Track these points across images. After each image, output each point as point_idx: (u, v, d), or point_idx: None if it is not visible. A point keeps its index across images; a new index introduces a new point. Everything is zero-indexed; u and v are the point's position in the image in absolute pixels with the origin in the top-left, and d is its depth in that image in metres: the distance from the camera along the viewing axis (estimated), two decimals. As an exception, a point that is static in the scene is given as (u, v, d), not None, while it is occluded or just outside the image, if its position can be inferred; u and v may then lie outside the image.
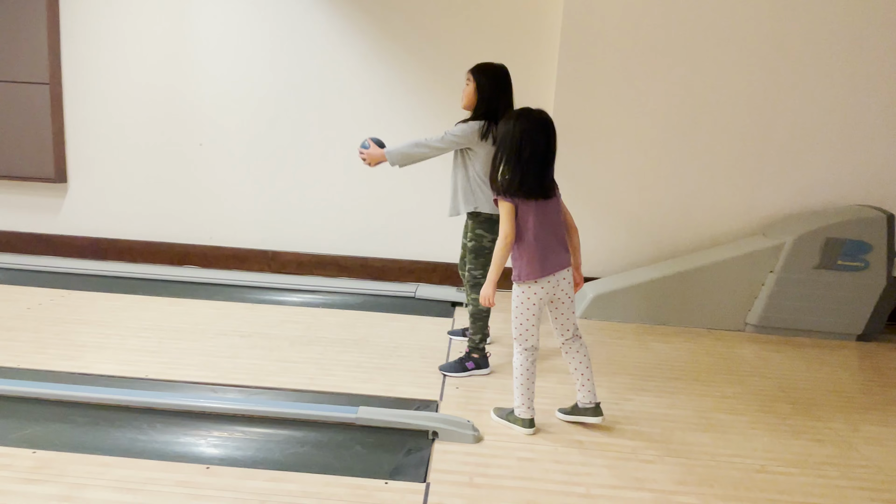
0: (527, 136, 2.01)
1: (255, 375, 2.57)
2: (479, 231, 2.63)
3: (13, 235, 4.26)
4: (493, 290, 2.11)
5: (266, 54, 3.98)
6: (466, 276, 2.74)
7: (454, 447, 2.04)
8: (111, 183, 4.17)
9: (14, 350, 2.68)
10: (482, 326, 2.70)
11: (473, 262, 2.68)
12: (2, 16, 3.91)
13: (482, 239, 2.64)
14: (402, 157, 2.63)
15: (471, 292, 2.72)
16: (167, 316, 3.24)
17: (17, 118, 4.03)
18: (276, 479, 1.83)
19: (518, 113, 2.06)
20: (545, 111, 2.07)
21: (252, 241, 4.21)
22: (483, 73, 2.61)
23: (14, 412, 2.15)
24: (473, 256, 2.68)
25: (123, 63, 4.02)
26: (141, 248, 4.22)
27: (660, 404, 2.50)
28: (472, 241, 2.67)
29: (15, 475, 1.79)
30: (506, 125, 2.06)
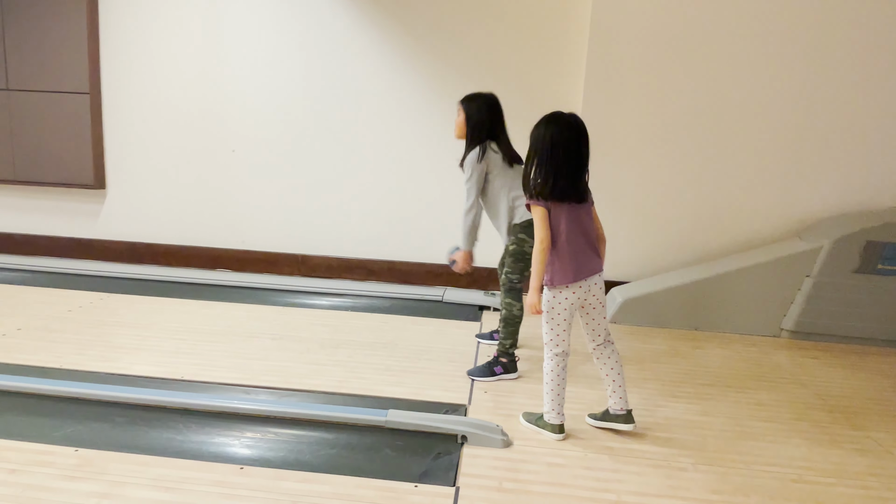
0: (558, 140, 2.01)
1: (285, 377, 2.62)
2: (522, 235, 2.64)
3: (54, 240, 4.41)
4: (539, 298, 2.10)
5: (297, 63, 4.05)
6: (503, 279, 2.74)
7: (483, 452, 2.04)
8: (147, 189, 4.29)
9: (56, 351, 2.77)
10: (514, 332, 2.70)
11: (512, 265, 2.68)
12: (46, 30, 4.06)
13: (523, 244, 2.65)
14: (470, 238, 2.76)
15: (505, 296, 2.71)
16: (201, 318, 3.31)
17: (58, 127, 4.18)
18: (307, 481, 1.85)
19: (549, 117, 2.05)
20: (576, 115, 2.06)
21: (282, 245, 4.28)
22: (472, 102, 2.71)
23: (57, 411, 2.22)
24: (513, 260, 2.68)
25: (159, 74, 4.14)
26: (176, 252, 4.33)
27: (692, 411, 2.46)
28: (513, 245, 2.68)
29: (58, 472, 1.85)
30: (537, 129, 2.06)
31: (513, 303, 2.70)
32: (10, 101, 4.18)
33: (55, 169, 4.23)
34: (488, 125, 2.66)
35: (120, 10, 4.08)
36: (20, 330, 3.00)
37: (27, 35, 4.08)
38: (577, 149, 2.03)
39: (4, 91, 4.17)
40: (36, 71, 4.13)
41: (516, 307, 2.70)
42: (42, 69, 4.12)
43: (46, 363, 2.63)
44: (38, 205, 4.40)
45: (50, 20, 4.05)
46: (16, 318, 3.17)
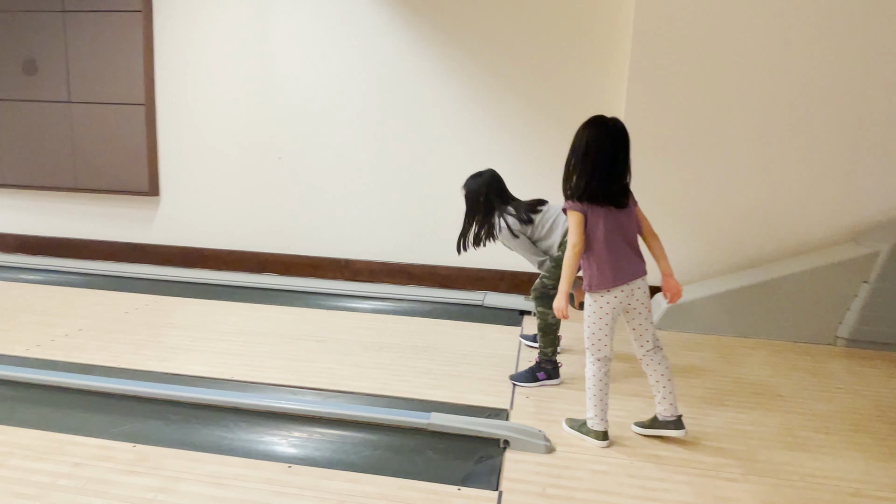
0: (596, 143, 1.99)
1: (330, 379, 2.67)
2: None
3: (111, 244, 4.62)
4: (567, 302, 2.09)
5: (340, 73, 4.13)
6: (536, 283, 2.72)
7: (526, 457, 2.04)
8: (198, 195, 4.45)
9: (115, 350, 2.91)
10: (553, 339, 2.68)
11: (551, 271, 2.67)
12: (105, 46, 4.27)
13: None
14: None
15: (537, 304, 2.69)
16: (250, 321, 3.41)
17: (115, 137, 4.38)
18: (353, 481, 1.89)
19: (590, 120, 2.05)
20: (619, 120, 2.04)
21: (326, 250, 4.37)
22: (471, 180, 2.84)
23: (115, 408, 2.33)
24: (553, 266, 2.67)
25: (209, 86, 4.29)
26: (225, 257, 4.47)
27: (742, 420, 2.39)
28: (560, 252, 2.66)
29: (118, 467, 1.94)
30: (578, 132, 2.05)
31: (546, 311, 2.67)
32: (72, 112, 4.41)
33: (112, 177, 4.44)
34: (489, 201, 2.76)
35: (173, 27, 4.26)
36: (81, 330, 3.16)
37: (88, 51, 4.30)
38: (614, 153, 2.01)
39: (66, 104, 4.41)
40: (95, 84, 4.34)
41: (550, 315, 2.67)
42: (101, 82, 4.33)
43: (105, 362, 2.76)
44: (97, 211, 4.62)
45: (109, 37, 4.26)
46: (77, 319, 3.34)
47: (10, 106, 4.49)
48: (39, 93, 4.43)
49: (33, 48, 4.39)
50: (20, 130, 4.51)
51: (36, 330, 3.14)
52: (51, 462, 1.94)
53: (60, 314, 3.41)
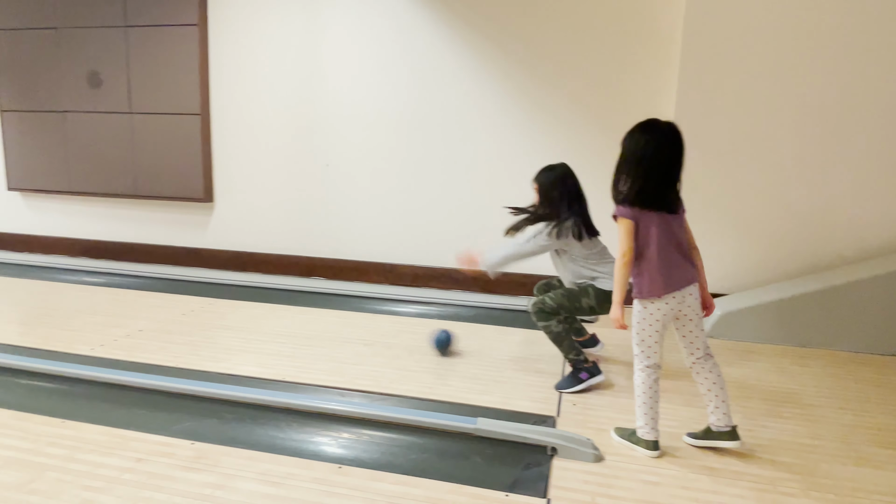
0: (652, 147, 1.96)
1: (377, 382, 2.71)
2: (591, 290, 2.60)
3: (168, 249, 4.82)
4: (622, 311, 2.06)
5: (386, 80, 4.20)
6: (537, 299, 2.68)
7: (574, 465, 2.02)
8: (250, 202, 4.60)
9: (173, 351, 3.03)
10: (570, 344, 2.65)
11: (559, 297, 2.63)
12: (164, 60, 4.47)
13: (584, 296, 2.60)
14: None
15: (536, 319, 2.66)
16: (299, 323, 3.50)
17: (173, 146, 4.57)
18: (402, 483, 1.92)
19: (643, 123, 2.01)
20: (673, 123, 2.00)
21: (372, 254, 4.44)
22: (542, 174, 2.73)
23: (174, 406, 2.43)
24: (563, 295, 2.63)
25: (260, 96, 4.44)
26: (275, 261, 4.60)
27: (800, 433, 2.30)
28: (576, 287, 2.64)
29: (178, 463, 2.02)
30: (630, 136, 2.02)
31: (546, 323, 2.64)
32: (133, 123, 4.63)
33: (169, 184, 4.63)
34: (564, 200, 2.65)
35: (226, 40, 4.43)
36: (141, 331, 3.31)
37: (148, 64, 4.51)
38: (670, 157, 1.97)
39: (128, 114, 4.63)
40: (154, 95, 4.55)
41: (553, 324, 2.64)
42: (159, 94, 4.53)
43: (164, 362, 2.88)
44: (155, 217, 4.83)
45: (167, 50, 4.45)
46: (137, 320, 3.50)
47: (77, 117, 4.75)
48: (103, 104, 4.67)
49: (98, 62, 4.63)
50: (85, 140, 4.76)
51: (100, 330, 3.30)
52: (116, 457, 2.04)
53: (122, 315, 3.57)
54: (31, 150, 4.92)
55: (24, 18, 4.74)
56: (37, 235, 5.12)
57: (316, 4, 4.23)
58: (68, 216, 5.03)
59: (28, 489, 1.85)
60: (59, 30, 4.66)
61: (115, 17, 4.51)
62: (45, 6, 4.66)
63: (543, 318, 2.65)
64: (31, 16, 4.71)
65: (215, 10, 4.39)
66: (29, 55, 4.78)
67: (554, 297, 2.65)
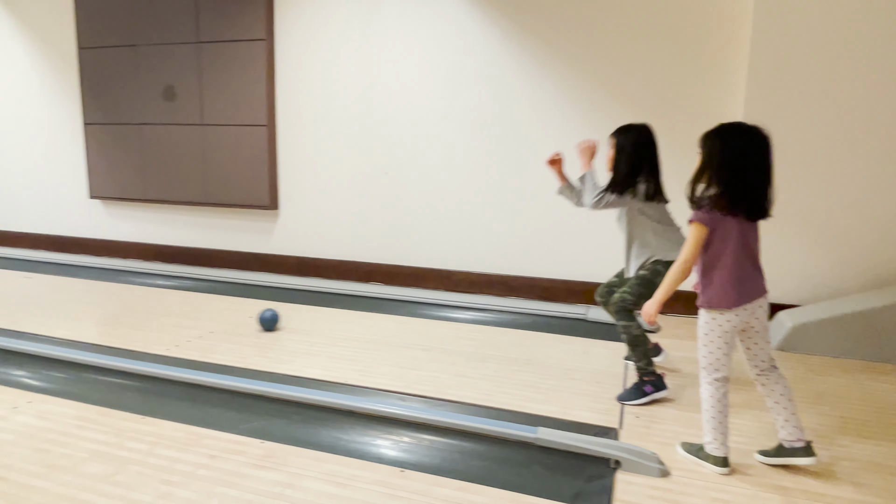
0: (737, 150, 1.89)
1: (435, 387, 2.74)
2: (660, 268, 2.53)
3: (235, 254, 5.03)
4: (657, 309, 2.02)
5: (443, 91, 4.26)
6: (616, 297, 2.62)
7: (638, 479, 1.98)
8: (312, 209, 4.75)
9: (241, 352, 3.16)
10: (644, 351, 2.59)
11: (633, 288, 2.57)
12: (234, 74, 4.69)
13: (658, 276, 2.52)
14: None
15: (617, 318, 2.60)
16: (359, 328, 3.58)
17: (241, 156, 4.78)
18: (463, 490, 1.93)
19: (728, 126, 1.95)
20: (760, 126, 1.92)
21: (428, 260, 4.49)
22: (624, 135, 2.61)
23: (244, 406, 2.54)
24: (637, 283, 2.57)
25: (323, 106, 4.58)
26: (335, 266, 4.73)
27: (882, 453, 2.17)
28: (645, 271, 2.58)
29: (248, 461, 2.11)
30: (714, 138, 1.95)
31: (628, 324, 2.58)
32: (204, 134, 4.87)
33: (237, 192, 4.84)
34: (642, 161, 2.56)
35: (292, 53, 4.60)
36: (212, 333, 3.47)
37: (218, 78, 4.74)
38: (757, 160, 1.90)
39: (200, 126, 4.87)
40: (224, 108, 4.77)
41: (633, 326, 2.58)
42: (229, 106, 4.75)
43: (234, 363, 3.01)
44: (223, 223, 5.06)
45: (237, 64, 4.67)
46: (208, 322, 3.67)
47: (153, 129, 5.04)
48: (177, 117, 4.94)
49: (172, 77, 4.90)
50: (160, 151, 5.05)
51: (174, 331, 3.48)
52: (191, 453, 2.15)
53: (194, 317, 3.76)
54: (110, 161, 5.25)
55: (106, 37, 5.07)
56: (115, 240, 5.45)
57: (376, 16, 4.33)
58: (143, 222, 5.33)
59: (112, 481, 1.97)
60: (137, 47, 4.97)
61: (188, 34, 4.76)
62: (125, 26, 4.97)
63: (626, 318, 2.58)
64: (113, 35, 5.04)
65: (281, 25, 4.58)
66: (110, 72, 5.11)
67: (630, 290, 2.59)
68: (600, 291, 2.88)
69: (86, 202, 5.50)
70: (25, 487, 1.92)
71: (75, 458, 2.09)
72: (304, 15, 4.51)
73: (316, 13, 4.48)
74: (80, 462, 2.07)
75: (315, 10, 4.48)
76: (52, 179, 5.61)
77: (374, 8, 4.34)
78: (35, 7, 5.38)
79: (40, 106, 5.53)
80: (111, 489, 1.92)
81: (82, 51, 5.18)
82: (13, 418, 2.38)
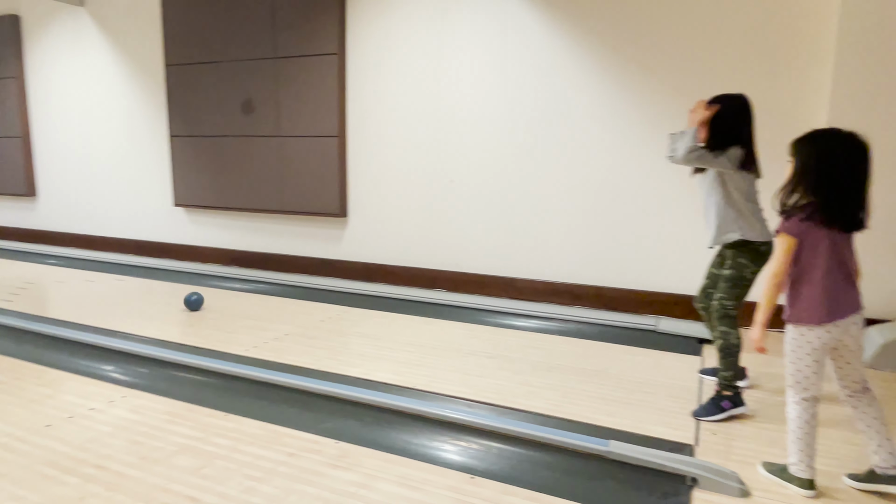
0: (835, 158, 1.83)
1: (502, 395, 2.75)
2: (742, 260, 2.47)
3: (307, 259, 5.22)
4: (763, 335, 1.94)
5: (508, 100, 4.28)
6: (715, 305, 2.56)
7: (716, 498, 1.92)
8: (379, 216, 4.87)
9: (315, 354, 3.29)
10: (734, 362, 2.50)
11: (727, 291, 2.51)
12: (308, 88, 4.89)
13: (744, 269, 2.47)
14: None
15: (719, 324, 2.53)
16: (424, 334, 3.64)
17: (313, 165, 4.97)
18: (533, 500, 1.93)
19: (823, 132, 1.88)
20: (857, 133, 1.85)
21: (492, 268, 4.51)
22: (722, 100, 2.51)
23: (318, 406, 2.63)
24: (729, 286, 2.51)
25: (391, 116, 4.70)
26: (400, 273, 4.82)
27: None
28: (730, 270, 2.51)
29: (325, 460, 2.19)
30: (808, 145, 1.88)
31: (728, 331, 2.50)
32: (279, 145, 5.09)
33: (309, 200, 5.03)
34: (741, 126, 2.48)
35: (362, 66, 4.75)
36: (287, 335, 3.62)
37: (294, 91, 4.95)
38: (854, 169, 1.82)
39: (275, 137, 5.10)
40: (299, 119, 4.98)
41: (733, 335, 2.50)
42: (303, 118, 4.95)
43: (308, 364, 3.13)
44: (295, 230, 5.26)
45: (310, 78, 4.86)
46: (283, 324, 3.83)
47: (232, 141, 5.32)
48: (254, 129, 5.19)
49: (251, 90, 5.16)
50: (238, 161, 5.31)
51: (251, 333, 3.66)
52: (272, 450, 2.25)
53: (269, 320, 3.93)
54: (193, 171, 5.58)
55: (190, 55, 5.41)
56: (196, 246, 5.78)
57: (443, 29, 4.41)
58: (222, 229, 5.63)
59: (200, 474, 2.10)
60: (219, 63, 5.26)
61: (266, 50, 5.00)
62: (208, 43, 5.28)
63: (728, 324, 2.52)
64: (197, 52, 5.36)
65: (352, 39, 4.74)
66: (194, 87, 5.44)
67: (725, 294, 2.52)
68: (698, 298, 2.80)
69: (170, 209, 5.87)
70: (123, 476, 2.07)
71: (166, 451, 2.24)
72: (374, 29, 4.65)
73: (385, 27, 4.61)
74: (171, 455, 2.21)
75: (384, 24, 4.61)
76: (140, 188, 6.02)
77: (441, 21, 4.42)
78: (128, 28, 5.80)
79: (131, 119, 5.95)
80: (200, 482, 2.05)
81: (169, 67, 5.54)
82: (110, 411, 2.57)
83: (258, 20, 5.00)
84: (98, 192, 6.31)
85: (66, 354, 3.22)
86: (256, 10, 4.99)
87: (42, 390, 2.76)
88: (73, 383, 2.85)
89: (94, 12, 5.97)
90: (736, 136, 2.47)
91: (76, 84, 6.21)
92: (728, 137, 2.46)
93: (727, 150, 2.45)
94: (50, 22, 6.25)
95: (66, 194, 6.52)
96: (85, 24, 6.04)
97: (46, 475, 2.05)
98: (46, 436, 2.32)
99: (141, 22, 5.70)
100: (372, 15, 4.65)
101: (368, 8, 4.66)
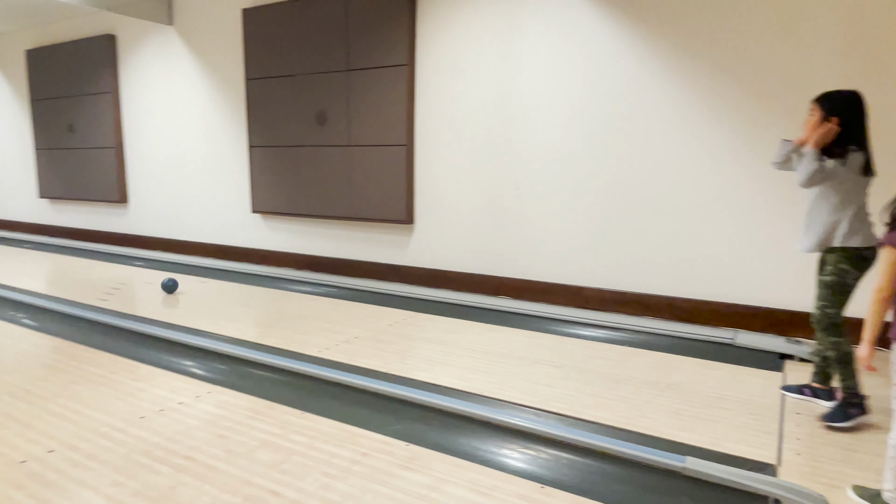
0: None
1: (571, 406, 2.73)
2: (844, 266, 2.37)
3: (375, 265, 5.36)
4: (871, 351, 1.84)
5: (574, 107, 4.24)
6: (817, 315, 2.45)
7: (801, 521, 1.84)
8: (445, 223, 4.94)
9: (384, 358, 3.37)
10: (853, 370, 2.40)
11: (829, 298, 2.41)
12: (377, 95, 5.03)
13: (846, 275, 2.36)
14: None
15: (826, 336, 2.44)
16: (490, 341, 3.66)
17: (382, 174, 5.10)
18: (606, 512, 1.91)
19: None
20: None
21: (558, 275, 4.47)
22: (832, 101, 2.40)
23: (388, 408, 2.70)
24: (830, 292, 2.41)
25: (457, 125, 4.76)
26: (465, 279, 4.86)
27: None
28: (831, 276, 2.40)
29: (395, 461, 2.25)
30: None
31: (838, 340, 2.40)
32: (350, 154, 5.26)
33: (377, 207, 5.17)
34: (859, 128, 2.38)
35: (430, 77, 4.84)
36: (357, 338, 3.73)
37: (364, 101, 5.11)
38: None
39: (347, 147, 5.27)
40: (369, 129, 5.13)
41: (844, 343, 2.40)
42: (372, 128, 5.10)
43: (378, 367, 3.21)
44: (364, 236, 5.41)
45: (381, 89, 5.00)
46: (353, 328, 3.95)
47: (306, 151, 5.54)
48: (327, 139, 5.39)
49: (324, 102, 5.36)
50: (312, 170, 5.53)
51: (325, 335, 3.79)
52: (346, 449, 2.33)
53: (340, 323, 4.06)
54: (269, 179, 5.85)
55: (268, 69, 5.68)
56: (272, 251, 6.04)
57: (511, 36, 4.43)
58: (296, 235, 5.86)
59: (280, 469, 2.20)
60: (295, 77, 5.50)
61: (339, 62, 5.19)
62: (284, 58, 5.53)
63: (834, 332, 2.44)
64: (274, 66, 5.63)
65: (422, 49, 4.84)
66: (271, 99, 5.71)
67: (826, 302, 2.43)
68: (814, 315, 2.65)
69: (248, 216, 6.17)
70: (210, 468, 2.20)
71: (249, 446, 2.36)
72: (443, 40, 4.73)
73: (454, 37, 4.69)
74: (253, 449, 2.33)
75: (453, 34, 4.69)
76: (221, 196, 6.36)
77: (509, 29, 4.44)
78: (212, 45, 6.16)
79: (215, 131, 6.31)
80: (280, 476, 2.15)
81: (249, 81, 5.84)
82: (197, 406, 2.74)
83: (331, 35, 5.20)
84: (183, 200, 6.72)
85: (155, 351, 3.46)
86: (330, 25, 5.19)
87: (136, 384, 2.97)
88: (163, 378, 3.05)
89: (182, 31, 6.38)
90: (857, 140, 2.38)
91: (164, 98, 6.66)
92: (848, 137, 2.37)
93: (847, 155, 2.36)
94: (142, 40, 6.74)
95: (154, 201, 6.99)
96: (173, 41, 6.47)
97: (142, 464, 2.21)
98: (141, 427, 2.50)
99: (224, 39, 6.05)
100: (442, 26, 4.74)
101: (438, 19, 4.75)
